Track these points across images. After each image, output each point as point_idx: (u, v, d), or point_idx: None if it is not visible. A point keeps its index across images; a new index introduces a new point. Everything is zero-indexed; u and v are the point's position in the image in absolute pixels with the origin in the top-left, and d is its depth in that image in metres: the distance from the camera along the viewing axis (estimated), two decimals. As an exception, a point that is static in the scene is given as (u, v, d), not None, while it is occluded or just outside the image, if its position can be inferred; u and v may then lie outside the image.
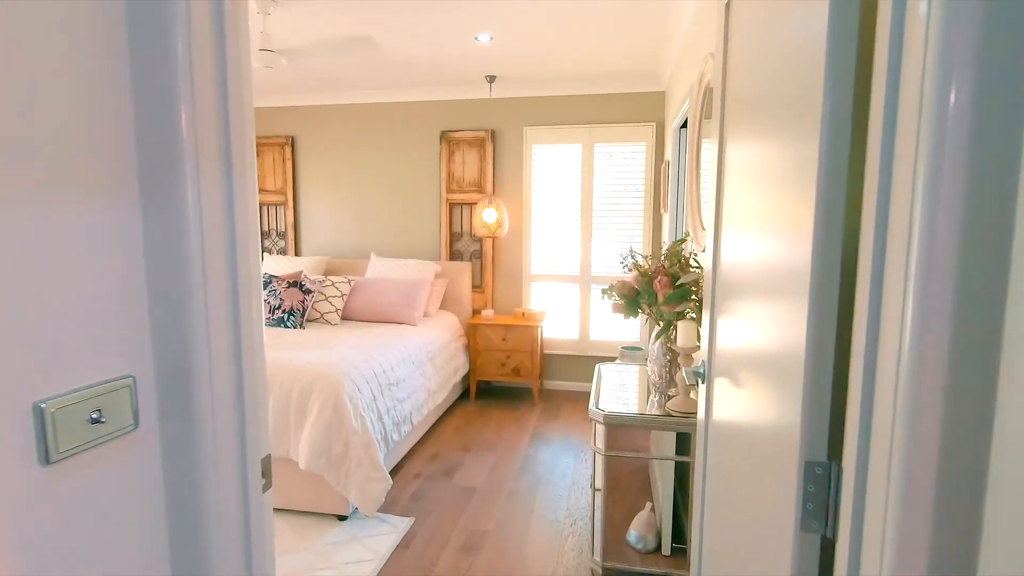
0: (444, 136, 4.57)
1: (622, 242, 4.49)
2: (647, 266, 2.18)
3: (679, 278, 2.04)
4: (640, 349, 4.18)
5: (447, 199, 4.63)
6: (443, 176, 4.60)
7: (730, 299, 1.25)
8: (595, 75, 4.15)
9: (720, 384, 1.30)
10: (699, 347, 1.94)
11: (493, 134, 4.51)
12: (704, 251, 2.04)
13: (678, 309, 1.96)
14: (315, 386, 2.56)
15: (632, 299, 2.19)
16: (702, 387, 1.48)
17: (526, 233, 4.55)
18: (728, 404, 1.22)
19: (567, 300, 4.57)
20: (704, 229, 2.16)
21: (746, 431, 1.06)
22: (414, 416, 3.20)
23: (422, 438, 3.58)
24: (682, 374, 1.96)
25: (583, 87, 4.34)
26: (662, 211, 4.10)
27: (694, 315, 1.97)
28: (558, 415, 4.08)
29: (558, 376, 4.68)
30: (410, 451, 3.36)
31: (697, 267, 2.08)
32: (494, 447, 3.46)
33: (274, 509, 2.60)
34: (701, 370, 1.46)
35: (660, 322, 2.18)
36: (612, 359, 4.56)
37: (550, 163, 4.50)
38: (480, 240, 4.65)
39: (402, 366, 3.22)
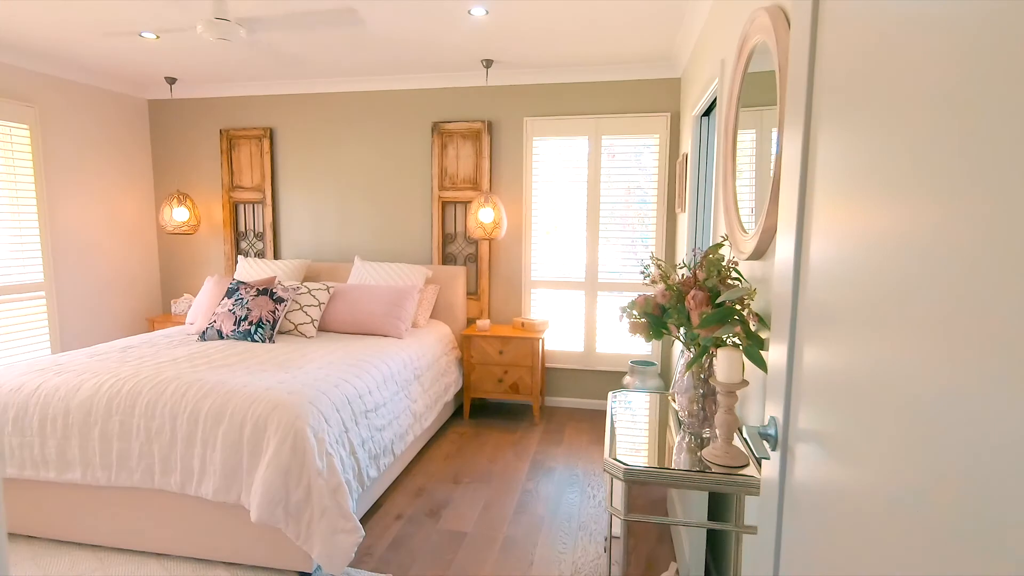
0: (436, 128, 4.15)
1: (631, 245, 4.07)
2: (675, 277, 1.76)
3: (719, 293, 1.62)
4: (652, 364, 3.76)
5: (439, 197, 4.20)
6: (435, 172, 4.18)
7: (834, 324, 0.82)
8: (603, 59, 3.72)
9: (821, 440, 0.88)
10: (746, 383, 1.52)
11: (490, 125, 4.09)
12: (750, 258, 1.62)
13: (718, 334, 1.54)
14: (272, 418, 2.14)
15: (656, 318, 1.77)
16: (771, 447, 1.05)
17: (526, 235, 4.13)
18: (840, 465, 0.79)
19: (571, 309, 4.15)
20: (746, 232, 1.74)
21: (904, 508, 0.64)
22: (397, 445, 2.78)
23: (407, 467, 3.16)
24: (722, 416, 1.54)
25: (589, 73, 3.91)
26: (678, 211, 3.68)
27: (738, 342, 1.55)
28: (561, 438, 3.65)
29: (561, 392, 4.26)
30: (392, 484, 2.94)
31: (737, 280, 1.66)
32: (488, 479, 3.04)
33: (222, 563, 2.18)
34: (772, 432, 1.04)
35: (691, 347, 1.76)
36: (621, 375, 4.14)
37: (552, 158, 4.08)
38: (475, 242, 4.22)
39: (384, 388, 2.80)
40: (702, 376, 1.76)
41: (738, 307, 1.55)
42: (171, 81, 4.28)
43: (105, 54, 3.66)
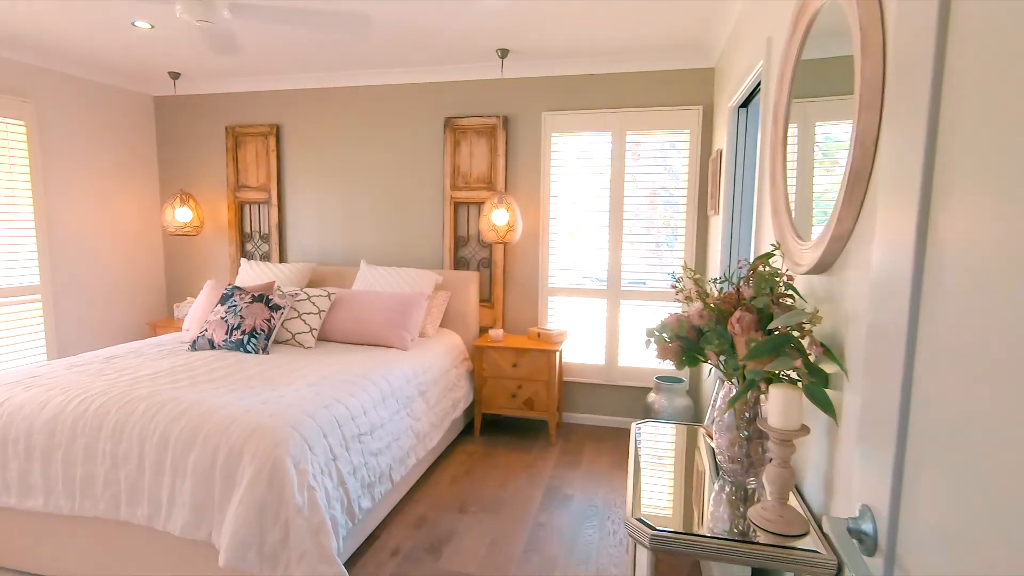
0: (448, 124, 3.89)
1: (656, 250, 3.74)
2: (715, 293, 1.45)
3: (770, 316, 1.31)
4: (680, 381, 3.44)
5: (452, 197, 3.94)
6: (447, 170, 3.92)
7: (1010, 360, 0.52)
8: (629, 48, 3.41)
9: (968, 549, 0.57)
10: (805, 430, 1.21)
11: (506, 121, 3.81)
12: (811, 272, 1.31)
13: (771, 367, 1.23)
14: (248, 445, 1.89)
15: (692, 343, 1.46)
16: (867, 550, 0.74)
17: (543, 238, 3.84)
18: None
19: (591, 318, 3.84)
20: (802, 240, 1.42)
21: None
22: (395, 471, 2.52)
23: (409, 492, 2.89)
24: (775, 470, 1.23)
25: (614, 63, 3.61)
26: (710, 213, 3.35)
27: (796, 377, 1.24)
28: (579, 460, 3.35)
29: (580, 408, 3.95)
30: (391, 512, 2.67)
31: (789, 297, 1.34)
32: (497, 508, 2.75)
33: (190, 612, 1.94)
34: (869, 528, 0.73)
35: (733, 380, 1.45)
36: (645, 391, 3.81)
37: (573, 155, 3.78)
38: (489, 246, 3.95)
39: (382, 406, 2.54)
40: (747, 415, 1.44)
41: (796, 334, 1.24)
42: (175, 76, 4.11)
43: (103, 46, 3.49)
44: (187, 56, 3.70)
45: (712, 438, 1.77)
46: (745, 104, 2.74)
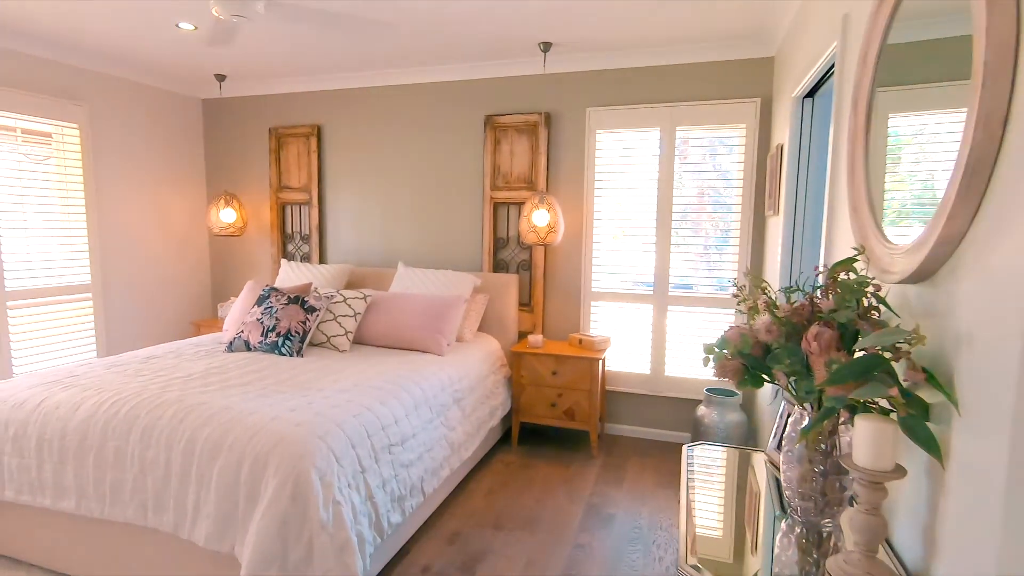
0: (489, 121, 3.76)
1: (704, 253, 3.51)
2: (786, 304, 1.25)
3: (856, 333, 1.11)
4: (733, 395, 3.20)
5: (491, 198, 3.82)
6: (487, 170, 3.80)
7: None
8: (680, 38, 3.20)
9: None
10: (901, 472, 1.01)
11: (548, 118, 3.66)
12: (906, 281, 1.10)
13: (857, 394, 1.03)
14: (272, 456, 1.80)
15: (757, 361, 1.27)
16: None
17: (586, 240, 3.66)
18: None
19: (636, 325, 3.63)
20: (891, 244, 1.21)
21: None
22: (428, 483, 2.40)
23: (442, 505, 2.77)
24: (863, 518, 1.03)
25: (664, 55, 3.40)
26: (768, 213, 3.10)
27: (889, 407, 1.04)
28: (623, 475, 3.16)
29: (623, 419, 3.75)
30: (423, 526, 2.56)
31: (876, 310, 1.14)
32: (535, 525, 2.60)
33: (213, 627, 1.87)
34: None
35: (806, 405, 1.25)
36: (694, 403, 3.58)
37: (618, 153, 3.59)
38: (529, 248, 3.80)
39: (414, 415, 2.43)
40: (822, 446, 1.24)
41: (888, 356, 1.04)
42: (220, 78, 4.15)
43: (150, 49, 3.54)
44: (230, 57, 3.71)
45: (778, 468, 1.57)
46: (811, 94, 2.50)
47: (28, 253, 3.43)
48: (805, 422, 1.26)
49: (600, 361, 3.35)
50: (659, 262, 3.53)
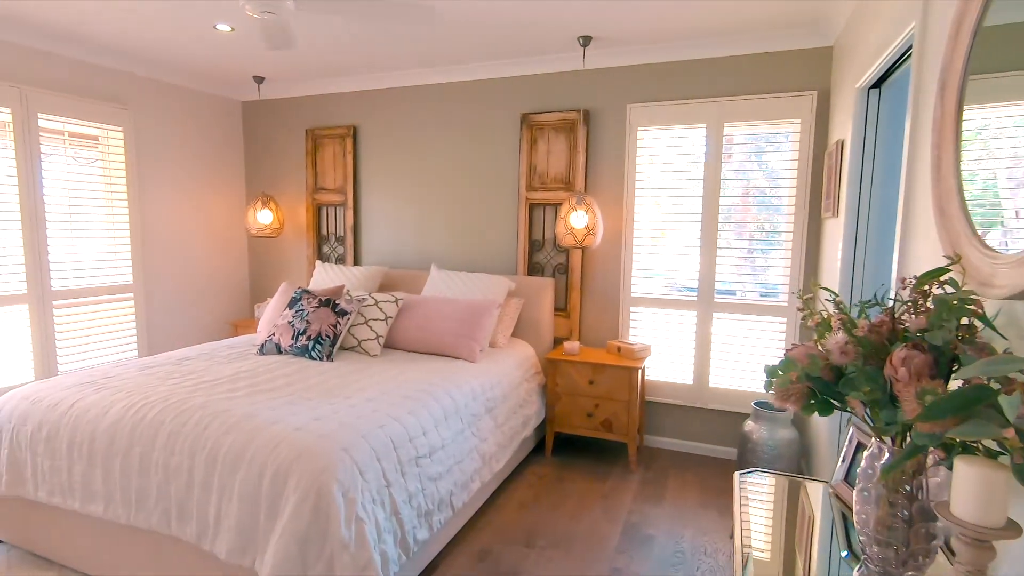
0: (525, 120, 3.64)
1: (750, 256, 3.29)
2: (864, 321, 1.08)
3: (954, 358, 0.94)
4: (784, 409, 2.97)
5: (527, 199, 3.69)
6: (523, 170, 3.68)
7: None
8: (729, 28, 3.01)
9: None
10: (1018, 531, 0.83)
11: (586, 115, 3.51)
12: (1014, 296, 0.92)
13: (957, 432, 0.86)
14: (294, 469, 1.73)
15: (828, 386, 1.10)
16: None
17: (626, 243, 3.49)
18: None
19: (679, 332, 3.44)
20: (993, 252, 1.03)
21: None
22: (457, 497, 2.29)
23: (472, 518, 2.66)
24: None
25: (710, 47, 3.21)
26: (825, 215, 2.87)
27: (998, 449, 0.86)
28: (663, 492, 2.98)
29: (664, 431, 3.56)
30: (452, 541, 2.45)
31: (971, 329, 0.96)
32: (569, 543, 2.46)
33: (233, 644, 1.81)
34: None
35: (889, 440, 1.07)
36: (741, 417, 3.36)
37: (661, 151, 3.41)
38: (566, 251, 3.66)
39: (444, 425, 2.33)
40: (906, 487, 1.06)
41: (995, 388, 0.86)
42: (259, 81, 4.17)
43: (190, 52, 3.57)
44: (268, 59, 3.71)
45: (846, 504, 1.39)
46: (877, 84, 2.27)
47: (74, 253, 3.50)
48: (884, 458, 1.09)
49: (640, 370, 3.18)
50: (704, 266, 3.33)
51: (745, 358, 3.30)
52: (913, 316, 1.01)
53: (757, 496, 1.49)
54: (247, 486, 1.76)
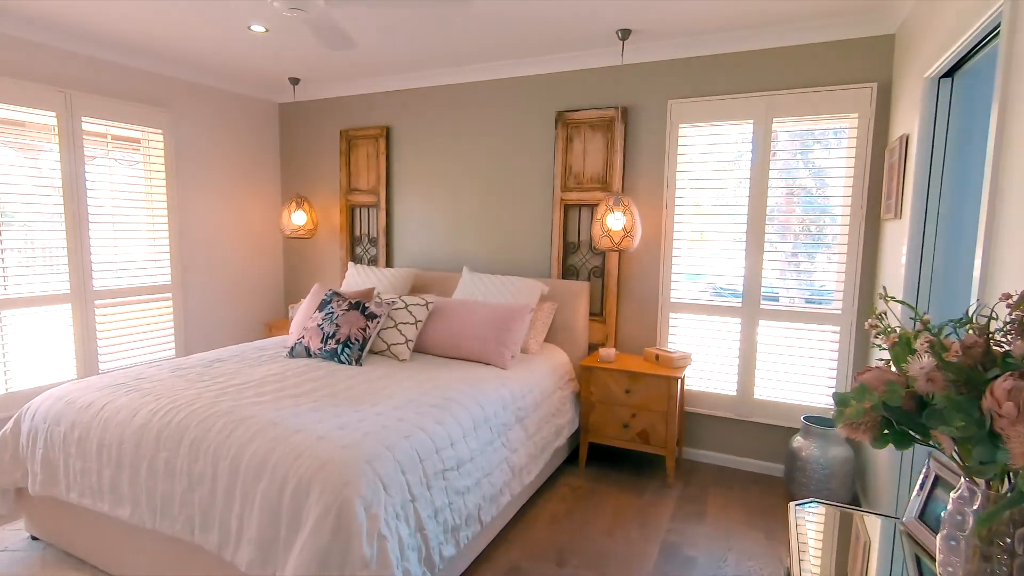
0: (560, 118, 3.52)
1: (794, 260, 3.09)
2: (953, 342, 0.93)
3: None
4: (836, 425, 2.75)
5: (562, 199, 3.57)
6: (558, 170, 3.56)
7: None
8: (778, 17, 2.82)
9: None
10: None
11: (625, 112, 3.36)
12: None
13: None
14: (316, 481, 1.66)
15: (908, 416, 0.95)
16: None
17: (666, 246, 3.33)
18: None
19: (721, 340, 3.26)
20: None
21: None
22: (485, 511, 2.20)
23: (500, 533, 2.56)
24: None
25: (758, 38, 3.02)
26: (885, 217, 2.65)
27: None
28: (703, 509, 2.81)
29: (704, 444, 3.39)
30: (479, 558, 2.36)
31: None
32: (603, 564, 2.33)
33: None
34: None
35: (983, 482, 0.92)
36: (789, 432, 3.16)
37: (704, 149, 3.24)
38: (602, 254, 3.52)
39: (472, 436, 2.23)
40: (1006, 541, 0.91)
41: None
42: (294, 82, 4.18)
43: (226, 53, 3.59)
44: (301, 60, 3.71)
45: (924, 548, 1.22)
46: (950, 73, 2.07)
47: (115, 254, 3.57)
48: (978, 503, 0.93)
49: (680, 381, 3.02)
50: (750, 271, 3.14)
51: (793, 369, 3.10)
52: (1020, 340, 0.85)
53: (815, 528, 1.34)
54: (269, 497, 1.71)
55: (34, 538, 2.43)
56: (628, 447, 3.12)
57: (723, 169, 3.20)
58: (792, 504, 1.40)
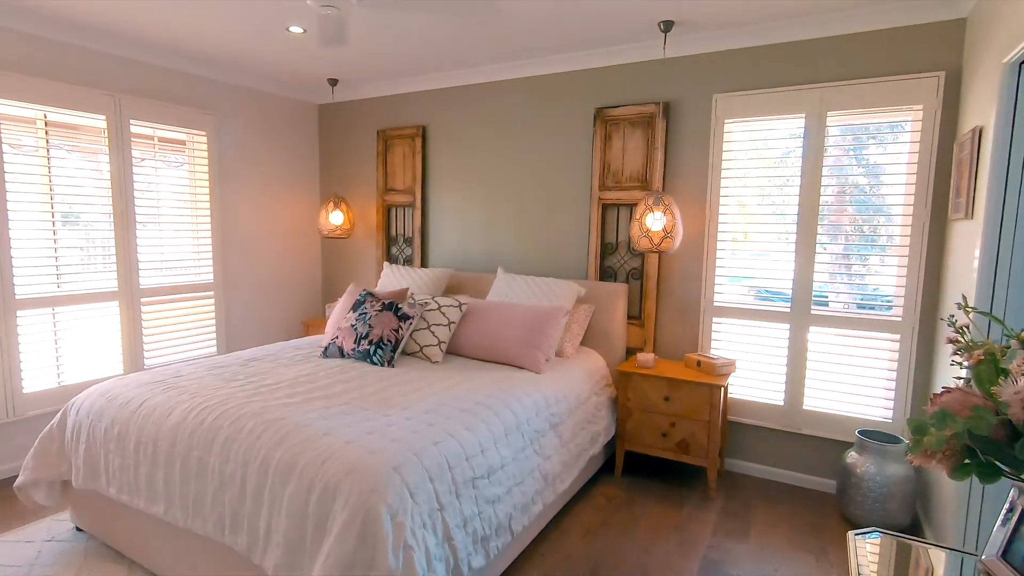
0: (599, 115, 3.42)
1: (846, 261, 2.89)
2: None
3: None
4: (896, 441, 2.59)
5: (599, 199, 3.47)
6: (596, 168, 3.45)
7: None
8: (834, 3, 2.64)
9: None
10: None
11: (666, 108, 3.23)
12: None
13: None
14: (343, 487, 1.63)
15: (995, 446, 0.83)
16: None
17: (709, 247, 3.19)
18: None
19: (768, 347, 3.09)
20: None
21: None
22: (516, 521, 2.13)
23: (532, 543, 2.48)
24: None
25: (810, 27, 2.84)
26: (954, 216, 2.45)
27: None
28: (747, 526, 2.66)
29: (749, 455, 3.22)
30: (509, 569, 2.29)
31: None
32: (639, 581, 2.22)
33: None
34: None
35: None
36: (842, 446, 2.96)
37: (751, 146, 3.08)
38: (641, 255, 3.40)
39: (504, 443, 2.17)
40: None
41: None
42: (333, 83, 4.21)
43: (266, 55, 3.63)
44: (341, 61, 3.72)
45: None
46: (1033, 57, 1.87)
47: (161, 253, 3.67)
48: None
49: (723, 389, 2.88)
50: (799, 273, 2.96)
51: (846, 379, 2.91)
52: None
53: (875, 561, 1.21)
54: (296, 501, 1.68)
55: (79, 529, 2.49)
56: (667, 457, 2.99)
57: (770, 166, 3.03)
58: (851, 533, 1.27)
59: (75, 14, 2.93)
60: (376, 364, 2.75)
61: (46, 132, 3.09)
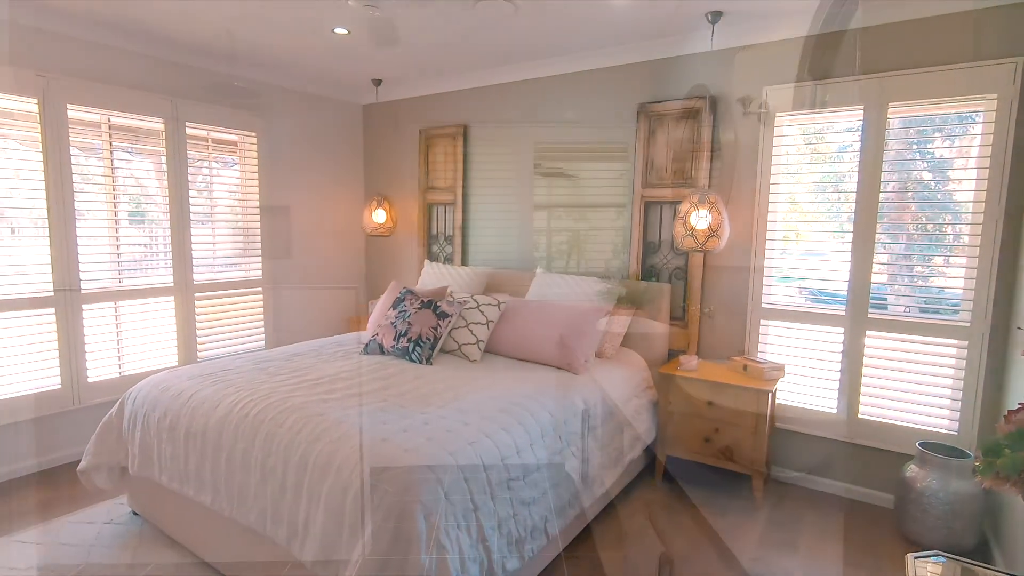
0: (642, 110, 3.33)
1: (907, 262, 2.71)
2: None
3: None
4: (964, 455, 2.42)
5: (642, 196, 3.38)
6: (639, 165, 3.37)
7: None
8: (900, -14, 2.48)
9: None
10: None
11: (713, 102, 3.12)
12: None
13: None
14: (377, 486, 1.64)
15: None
16: None
17: (757, 246, 3.06)
18: None
19: (821, 351, 2.95)
20: None
21: None
22: (552, 524, 2.10)
23: (568, 547, 2.44)
24: None
25: (869, 13, 2.68)
26: (1031, 214, 2.25)
27: None
28: (797, 538, 2.55)
29: (797, 464, 3.08)
30: (544, 572, 2.26)
31: None
32: (678, 591, 2.16)
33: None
34: None
35: None
36: (902, 459, 2.79)
37: (804, 140, 2.93)
38: (685, 254, 3.30)
39: (540, 444, 2.14)
40: None
41: None
42: (377, 83, 4.27)
43: (313, 57, 3.72)
44: (383, 62, 3.77)
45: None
46: None
47: (213, 249, 3.81)
48: None
49: (771, 394, 2.76)
50: (856, 275, 2.81)
51: (907, 387, 2.74)
52: None
53: (940, 591, 1.12)
54: (333, 497, 1.70)
55: (135, 513, 2.62)
56: (709, 463, 2.89)
57: (825, 162, 2.88)
58: (910, 556, 1.18)
59: (133, 22, 3.07)
60: (414, 362, 2.77)
61: (110, 135, 3.26)
